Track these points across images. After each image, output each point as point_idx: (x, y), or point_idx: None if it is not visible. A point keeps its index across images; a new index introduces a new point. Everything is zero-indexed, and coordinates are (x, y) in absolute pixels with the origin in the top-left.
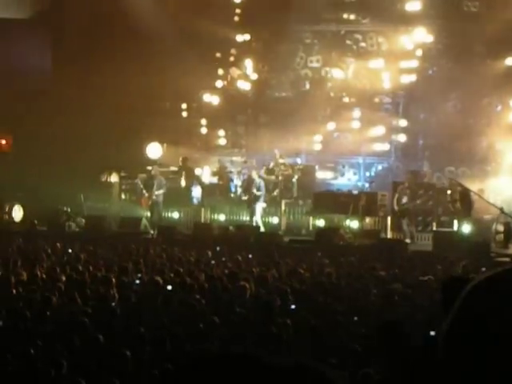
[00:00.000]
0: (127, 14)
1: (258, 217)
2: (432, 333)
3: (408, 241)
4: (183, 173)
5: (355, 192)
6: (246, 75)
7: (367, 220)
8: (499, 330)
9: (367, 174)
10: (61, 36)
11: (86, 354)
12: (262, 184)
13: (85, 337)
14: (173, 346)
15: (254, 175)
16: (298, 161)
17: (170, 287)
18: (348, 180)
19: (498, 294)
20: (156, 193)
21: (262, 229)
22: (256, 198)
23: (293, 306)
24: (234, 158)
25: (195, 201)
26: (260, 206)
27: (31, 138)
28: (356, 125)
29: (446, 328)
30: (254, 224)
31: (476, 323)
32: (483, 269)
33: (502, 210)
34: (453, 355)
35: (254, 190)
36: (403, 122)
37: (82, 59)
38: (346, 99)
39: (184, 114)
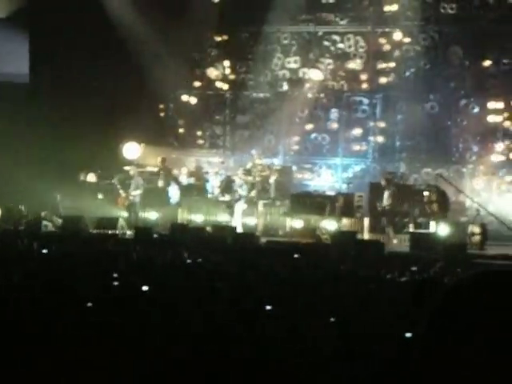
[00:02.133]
0: (105, 13)
1: (237, 218)
2: (408, 334)
3: (395, 241)
4: (161, 173)
5: (332, 193)
6: (223, 75)
7: (344, 221)
8: (472, 336)
9: (344, 175)
10: (38, 35)
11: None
12: (245, 186)
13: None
14: (153, 348)
15: (235, 177)
16: (276, 162)
17: (145, 288)
18: (325, 181)
19: (470, 299)
20: (133, 193)
21: (240, 230)
22: (237, 199)
23: (268, 307)
24: (212, 159)
25: (172, 201)
26: (240, 207)
27: (6, 138)
28: (333, 126)
29: (422, 333)
30: (233, 225)
31: (450, 329)
32: (458, 269)
33: (478, 211)
34: (428, 360)
35: (239, 190)
36: (380, 123)
37: (60, 59)
38: (324, 100)
39: (161, 114)
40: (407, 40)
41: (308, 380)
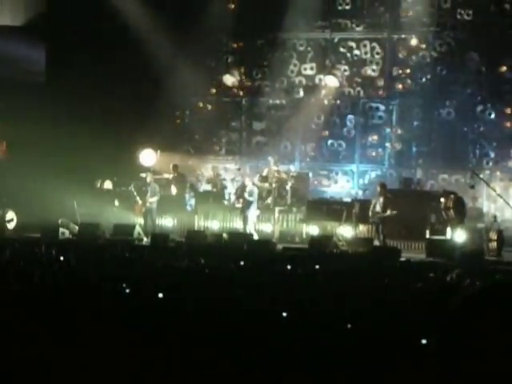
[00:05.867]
0: (121, 20)
1: (251, 224)
2: (423, 341)
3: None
4: (173, 180)
5: (348, 200)
6: (239, 82)
7: (360, 228)
8: (488, 343)
9: (361, 181)
10: (54, 43)
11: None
12: (255, 190)
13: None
14: (166, 354)
15: (248, 182)
16: (292, 168)
17: (161, 295)
18: (341, 187)
19: (486, 307)
20: (150, 200)
21: (256, 236)
22: (248, 204)
23: (284, 314)
24: (228, 165)
25: (189, 208)
26: (253, 214)
27: (25, 145)
28: (350, 132)
29: (439, 337)
30: (247, 232)
31: (467, 336)
32: (475, 277)
33: (495, 217)
34: (444, 365)
35: (246, 195)
36: (397, 130)
37: (76, 66)
38: (340, 106)
39: (178, 121)
40: (423, 46)
41: None
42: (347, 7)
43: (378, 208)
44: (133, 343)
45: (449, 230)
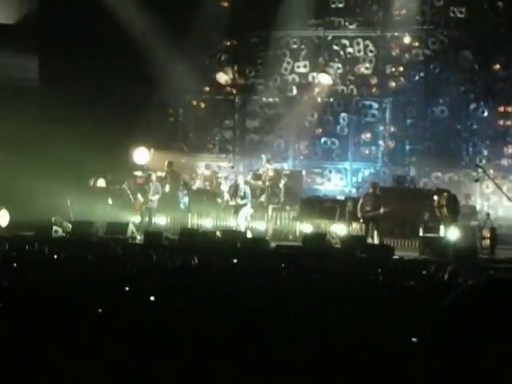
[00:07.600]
0: (114, 19)
1: (242, 221)
2: (414, 339)
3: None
4: (168, 177)
5: (342, 197)
6: (233, 80)
7: (354, 225)
8: (480, 340)
9: (354, 179)
10: (47, 41)
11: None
12: (248, 191)
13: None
14: (161, 354)
15: (240, 181)
16: (285, 166)
17: (152, 298)
18: (335, 185)
19: (479, 304)
20: (152, 198)
21: (249, 234)
22: (240, 207)
23: (279, 313)
24: (221, 164)
25: (182, 206)
26: (245, 212)
27: (18, 143)
28: (343, 130)
29: (431, 335)
30: (237, 229)
31: (458, 333)
32: (469, 274)
33: (488, 215)
34: (437, 359)
35: (239, 200)
36: (390, 128)
37: (69, 64)
38: (333, 104)
39: (171, 119)
40: (416, 44)
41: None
42: (340, 5)
43: (369, 207)
44: (127, 342)
45: (442, 227)
